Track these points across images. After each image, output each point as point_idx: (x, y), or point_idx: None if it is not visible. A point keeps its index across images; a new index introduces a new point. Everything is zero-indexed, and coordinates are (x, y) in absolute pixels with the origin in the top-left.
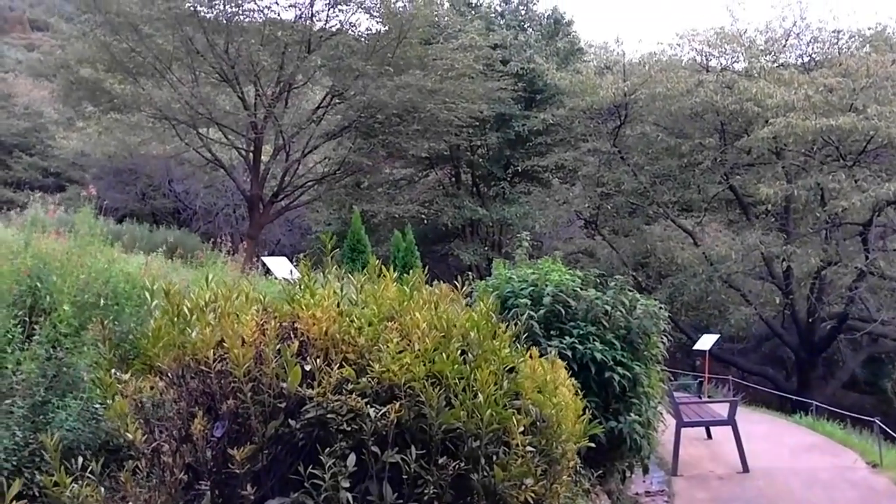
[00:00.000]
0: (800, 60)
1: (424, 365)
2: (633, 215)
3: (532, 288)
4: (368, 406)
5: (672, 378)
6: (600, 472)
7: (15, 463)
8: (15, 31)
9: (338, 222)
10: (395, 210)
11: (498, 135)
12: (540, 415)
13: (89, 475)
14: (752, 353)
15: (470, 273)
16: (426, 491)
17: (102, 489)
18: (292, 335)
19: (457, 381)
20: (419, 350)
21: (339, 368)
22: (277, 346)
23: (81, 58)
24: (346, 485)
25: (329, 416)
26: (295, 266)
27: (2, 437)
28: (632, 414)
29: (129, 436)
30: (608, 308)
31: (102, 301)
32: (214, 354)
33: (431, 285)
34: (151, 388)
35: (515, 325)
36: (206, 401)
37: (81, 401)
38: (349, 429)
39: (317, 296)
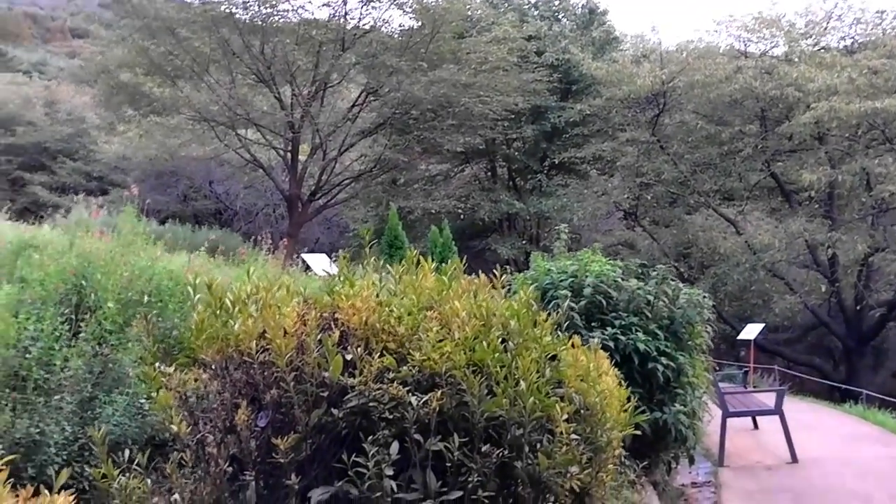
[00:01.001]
0: (842, 43)
1: (465, 353)
2: (673, 205)
3: (572, 279)
4: (410, 395)
5: (717, 368)
6: (645, 463)
7: (65, 457)
8: (57, 40)
9: (375, 219)
10: (432, 205)
11: (534, 127)
12: (583, 403)
13: (136, 467)
14: (797, 343)
15: (507, 267)
16: (470, 479)
17: (149, 481)
18: (333, 326)
19: (498, 369)
20: (459, 338)
21: (379, 357)
22: (318, 337)
23: (121, 62)
24: (390, 473)
25: (371, 404)
26: (334, 262)
27: (52, 432)
28: (676, 404)
29: (174, 427)
30: (650, 298)
31: (146, 298)
32: (257, 345)
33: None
34: (195, 380)
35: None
36: (249, 391)
37: (127, 396)
38: (391, 417)
39: (356, 286)
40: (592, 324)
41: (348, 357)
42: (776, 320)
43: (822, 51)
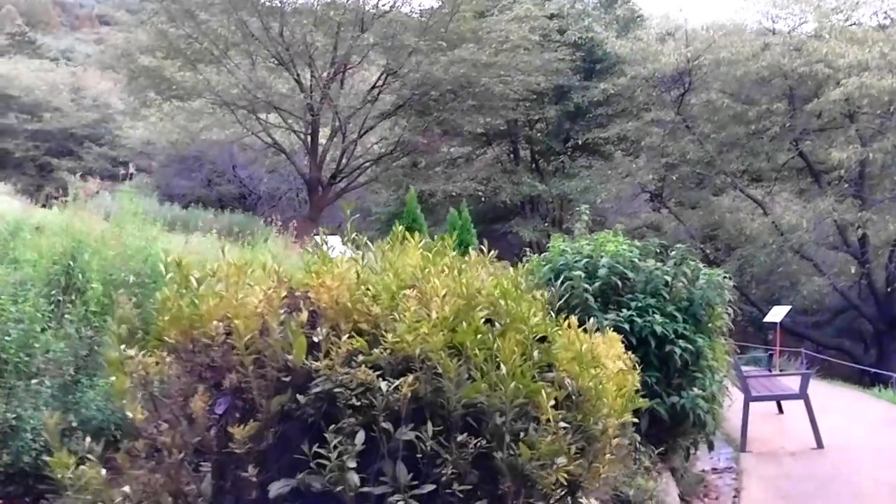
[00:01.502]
0: (874, 19)
1: (443, 335)
2: (700, 186)
3: (587, 260)
4: (380, 379)
5: (738, 351)
6: (662, 448)
7: (42, 443)
8: (85, 27)
9: (396, 203)
10: (452, 188)
11: (556, 107)
12: (576, 388)
13: (90, 456)
14: (826, 326)
15: (528, 249)
16: (444, 471)
17: (104, 470)
18: (303, 306)
19: (477, 351)
20: (437, 319)
21: (349, 339)
22: (283, 317)
23: (141, 46)
24: (353, 464)
25: (337, 390)
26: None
27: (29, 417)
28: (695, 388)
29: (130, 414)
30: (668, 279)
31: (133, 278)
32: (223, 326)
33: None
34: (156, 363)
35: (569, 298)
36: (212, 376)
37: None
38: (359, 404)
39: (330, 263)
40: (608, 306)
41: (316, 339)
42: (804, 303)
43: (854, 26)
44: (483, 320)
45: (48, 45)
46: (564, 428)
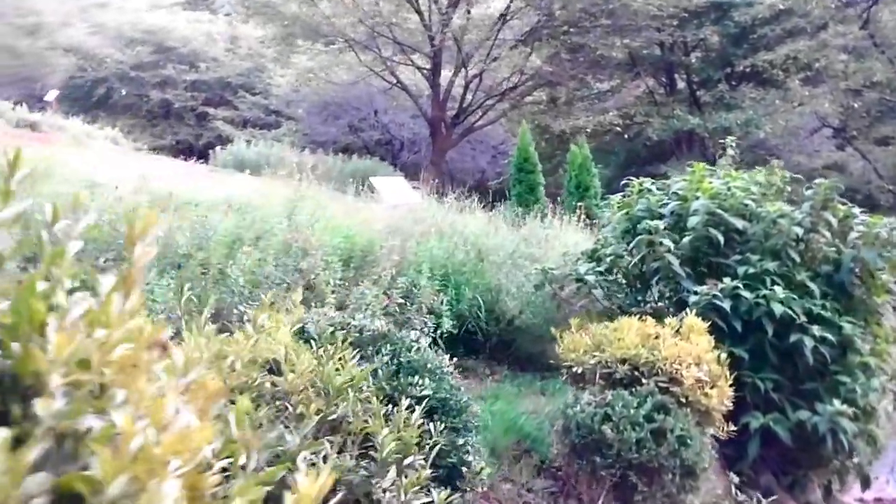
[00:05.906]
0: None
1: None
2: (891, 117)
3: (678, 203)
4: None
5: None
6: (789, 480)
7: None
8: None
9: (542, 145)
10: (585, 124)
11: (714, 28)
12: None
13: None
14: None
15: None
16: None
17: None
18: None
19: None
20: None
21: None
22: None
23: None
24: None
25: None
26: (416, 188)
27: None
28: (836, 400)
29: None
30: (800, 232)
31: None
32: None
33: None
34: None
35: (644, 258)
36: None
37: None
38: None
39: None
40: (711, 270)
41: None
42: None
43: None
44: None
45: (220, 1)
46: None
